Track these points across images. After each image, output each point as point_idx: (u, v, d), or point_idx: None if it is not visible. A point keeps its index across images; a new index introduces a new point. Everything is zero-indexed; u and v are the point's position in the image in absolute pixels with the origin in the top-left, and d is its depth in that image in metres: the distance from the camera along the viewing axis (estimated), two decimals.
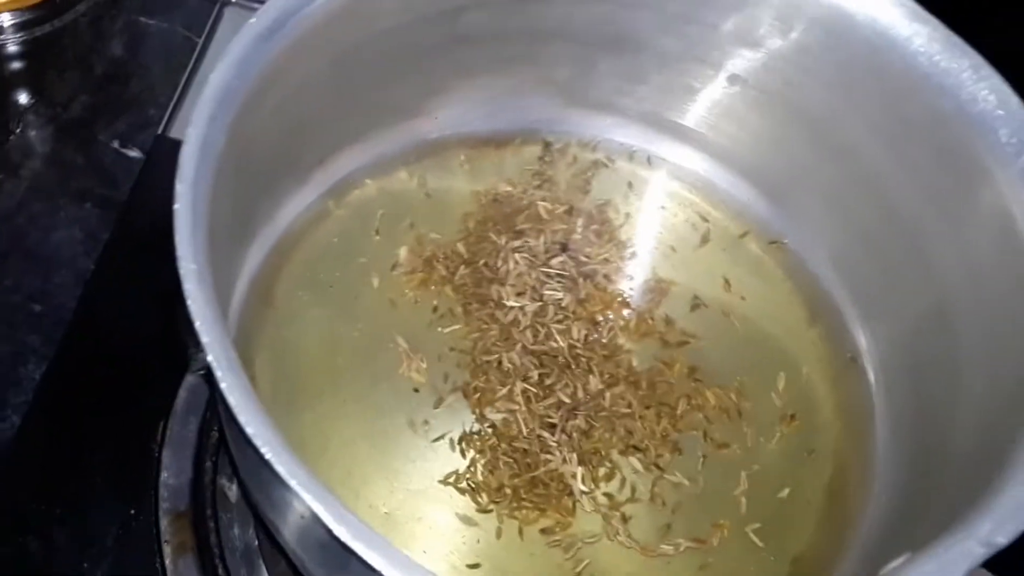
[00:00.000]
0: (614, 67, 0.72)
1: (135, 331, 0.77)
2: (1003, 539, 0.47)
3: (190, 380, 0.73)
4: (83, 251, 0.80)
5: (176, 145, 0.53)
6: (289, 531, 0.54)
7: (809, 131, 0.69)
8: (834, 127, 0.67)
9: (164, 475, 0.71)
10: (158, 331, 0.76)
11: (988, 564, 0.48)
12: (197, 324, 0.48)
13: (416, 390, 0.67)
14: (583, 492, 0.64)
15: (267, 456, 0.47)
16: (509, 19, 0.68)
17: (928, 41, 0.61)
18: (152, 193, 0.82)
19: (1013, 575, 0.52)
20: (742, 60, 0.69)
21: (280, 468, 0.47)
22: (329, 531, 0.44)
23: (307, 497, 0.45)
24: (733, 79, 0.70)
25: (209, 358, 0.49)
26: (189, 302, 0.49)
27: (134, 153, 0.85)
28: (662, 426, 0.67)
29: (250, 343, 0.67)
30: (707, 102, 0.73)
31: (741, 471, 0.67)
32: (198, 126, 0.54)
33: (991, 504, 0.48)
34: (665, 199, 0.76)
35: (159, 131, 0.86)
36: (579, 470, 0.64)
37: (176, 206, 0.51)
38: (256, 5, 0.60)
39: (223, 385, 0.48)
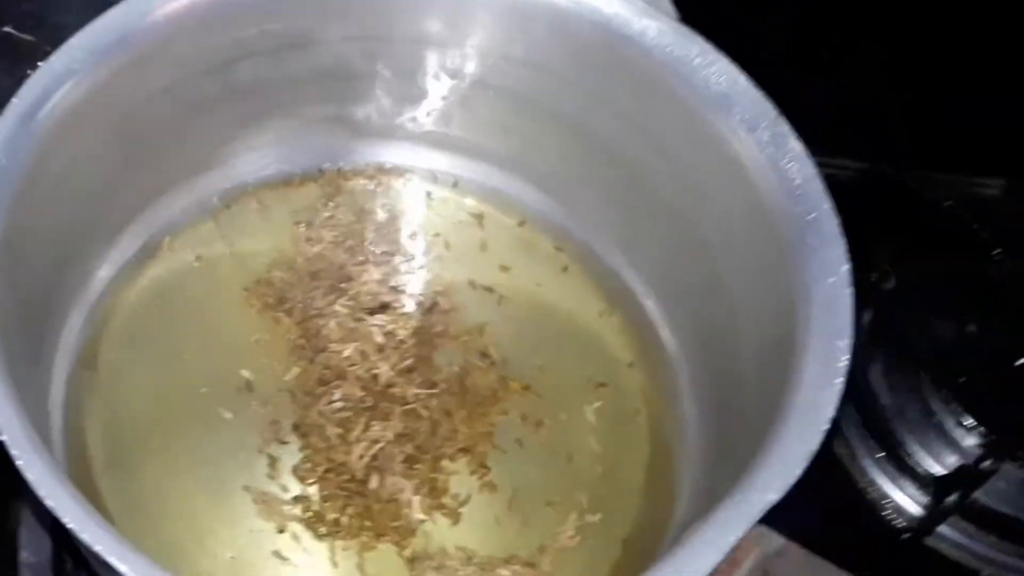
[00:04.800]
0: (379, 93, 0.72)
1: None
2: (775, 495, 0.47)
3: None
4: None
5: None
6: None
7: (569, 129, 0.69)
8: (590, 124, 0.68)
9: (23, 554, 0.68)
10: None
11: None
12: None
13: (246, 423, 0.66)
14: (420, 520, 0.63)
15: (70, 526, 0.45)
16: (279, 66, 0.67)
17: (659, 34, 0.62)
18: None
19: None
20: (485, 68, 0.69)
21: (85, 536, 0.45)
22: None
23: (113, 560, 0.44)
24: (484, 86, 0.70)
25: (3, 438, 0.47)
26: None
27: None
28: (479, 423, 0.66)
29: (79, 411, 0.64)
30: (468, 111, 0.72)
31: (562, 452, 0.66)
32: None
33: (763, 462, 0.49)
34: (455, 210, 0.76)
35: None
36: (415, 499, 0.63)
37: None
38: None
39: (19, 463, 0.46)
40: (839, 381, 0.51)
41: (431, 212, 0.75)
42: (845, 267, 0.54)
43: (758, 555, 0.48)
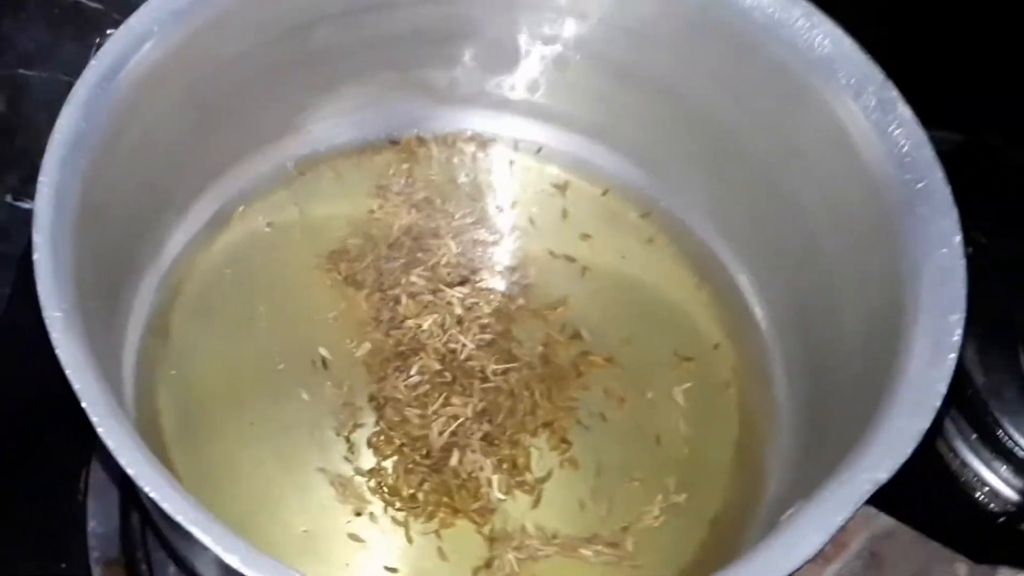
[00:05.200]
0: (466, 59, 0.70)
1: (46, 382, 0.72)
2: (884, 475, 0.44)
3: None
4: None
5: None
6: (202, 564, 0.51)
7: (660, 95, 0.66)
8: (683, 89, 0.65)
9: (91, 524, 0.67)
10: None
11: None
12: (68, 371, 0.46)
13: (321, 403, 0.63)
14: (500, 499, 0.61)
15: (151, 495, 0.44)
16: (357, 30, 0.66)
17: None
18: None
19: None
20: (582, 32, 0.66)
21: (166, 505, 0.44)
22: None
23: (194, 530, 0.43)
24: (578, 51, 0.68)
25: (83, 404, 0.45)
26: (57, 350, 0.47)
27: (27, 205, 0.80)
28: (560, 398, 0.64)
29: (151, 379, 0.63)
30: (558, 78, 0.70)
31: (647, 428, 0.64)
32: (49, 174, 0.51)
33: (871, 440, 0.46)
34: (538, 179, 0.73)
35: None
36: (495, 477, 0.61)
37: (35, 256, 0.49)
38: None
39: (99, 430, 0.45)
40: (952, 357, 0.48)
41: (513, 181, 0.73)
42: (958, 238, 0.51)
43: (866, 536, 0.45)
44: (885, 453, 0.45)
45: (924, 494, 0.68)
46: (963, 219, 0.53)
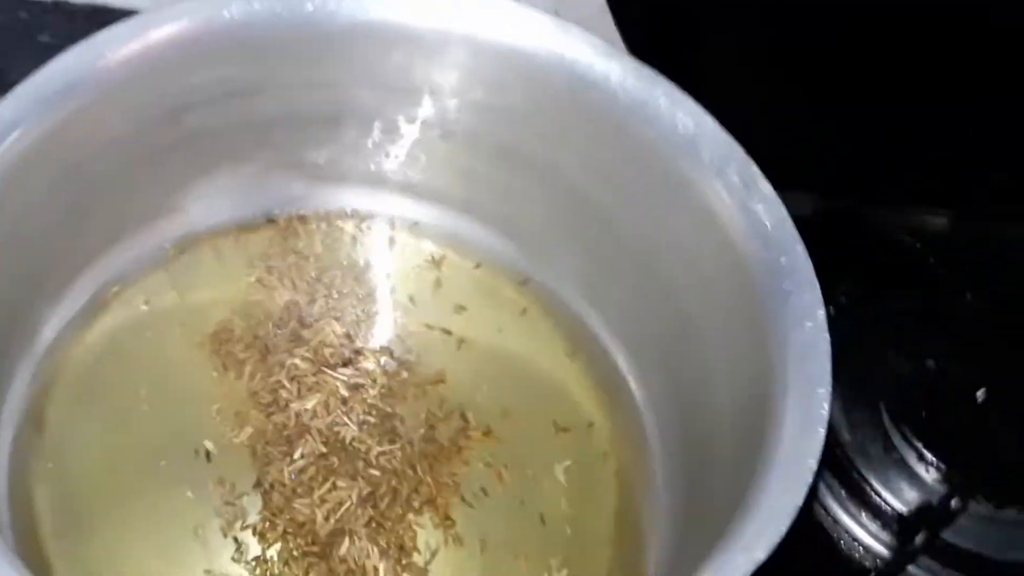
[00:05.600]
0: (340, 139, 0.69)
1: None
2: (761, 554, 0.44)
3: None
4: None
5: None
6: None
7: (531, 173, 0.66)
8: (553, 167, 0.65)
9: None
10: None
11: None
12: None
13: (205, 501, 0.62)
14: None
15: None
16: (230, 113, 0.64)
17: (622, 75, 0.59)
18: None
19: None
20: (450, 113, 0.66)
21: None
22: None
23: None
24: (448, 130, 0.67)
25: None
26: None
27: None
28: (442, 474, 0.63)
29: (26, 473, 0.60)
30: (430, 156, 0.69)
31: (528, 502, 0.64)
32: None
33: (746, 519, 0.46)
34: (415, 255, 0.73)
35: None
36: (381, 565, 0.60)
37: None
38: None
39: None
40: (821, 431, 0.49)
41: (390, 258, 0.72)
42: (821, 311, 0.52)
43: None
44: (761, 531, 0.46)
45: (798, 553, 0.69)
46: (824, 282, 0.54)
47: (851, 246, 0.80)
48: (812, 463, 0.47)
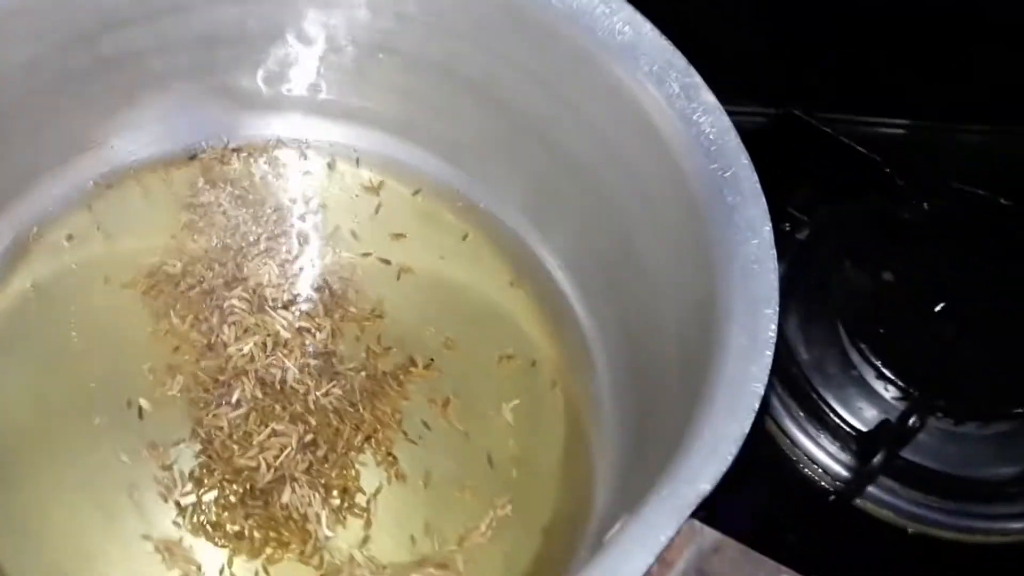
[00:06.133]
0: (268, 63, 0.65)
1: None
2: (706, 485, 0.41)
3: None
4: None
5: None
6: None
7: (468, 90, 0.62)
8: (490, 83, 0.61)
9: None
10: None
11: None
12: None
13: (136, 457, 0.58)
14: (327, 536, 0.56)
15: None
16: (151, 34, 0.60)
17: None
18: None
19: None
20: (383, 29, 0.62)
21: None
22: None
23: None
24: (381, 48, 0.63)
25: None
26: None
27: None
28: (382, 410, 0.60)
29: None
30: (363, 77, 0.65)
31: (472, 434, 0.60)
32: None
33: (691, 449, 0.43)
34: (352, 182, 0.68)
35: None
36: (323, 512, 0.56)
37: None
38: None
39: None
40: (768, 353, 0.45)
41: (326, 186, 0.68)
42: (768, 227, 0.48)
43: (692, 552, 0.42)
44: (706, 462, 0.42)
45: (757, 476, 0.66)
46: (778, 195, 0.50)
47: (805, 158, 0.76)
48: (759, 388, 0.44)
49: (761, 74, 0.77)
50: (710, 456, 0.42)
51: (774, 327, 0.45)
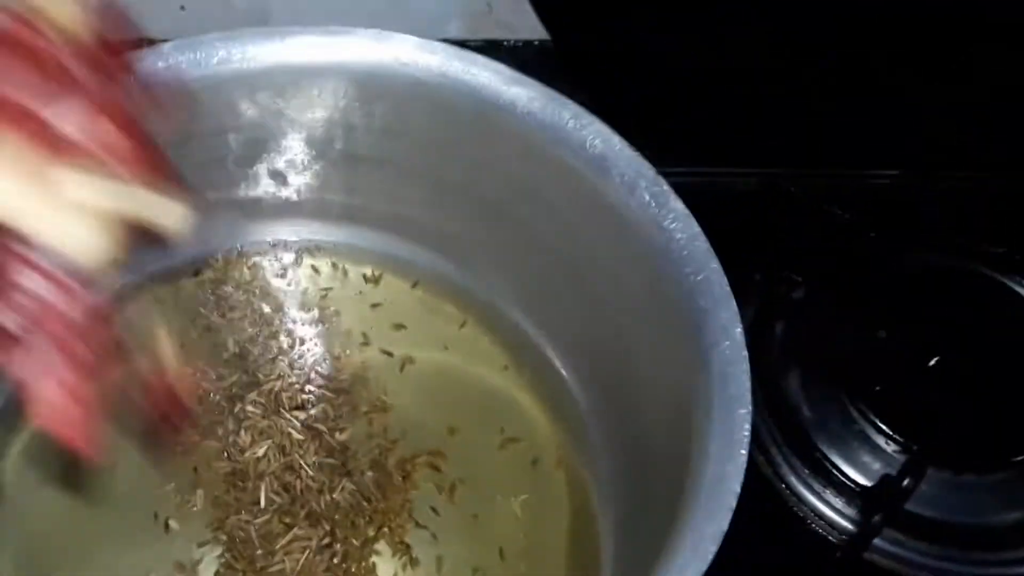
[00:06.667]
0: (265, 175, 0.68)
1: None
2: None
3: None
4: None
5: None
6: None
7: (455, 194, 0.65)
8: (475, 188, 0.64)
9: None
10: None
11: None
12: None
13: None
14: None
15: None
16: None
17: (528, 101, 0.58)
18: None
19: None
20: (369, 142, 0.65)
21: None
22: None
23: None
24: (367, 158, 0.66)
25: None
26: None
27: None
28: (393, 499, 0.63)
29: None
30: (352, 183, 0.69)
31: (481, 515, 0.63)
32: None
33: (676, 547, 0.46)
34: (354, 279, 0.72)
35: None
36: None
37: None
38: None
39: None
40: (743, 452, 0.47)
41: (328, 284, 0.71)
42: (738, 329, 0.51)
43: None
44: (688, 561, 0.45)
45: (766, 533, 0.68)
46: (776, 260, 0.53)
47: (791, 221, 0.78)
48: (735, 486, 0.47)
49: (744, 135, 0.79)
50: (691, 557, 0.45)
51: (747, 427, 0.48)
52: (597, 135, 0.56)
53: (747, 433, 0.48)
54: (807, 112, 0.81)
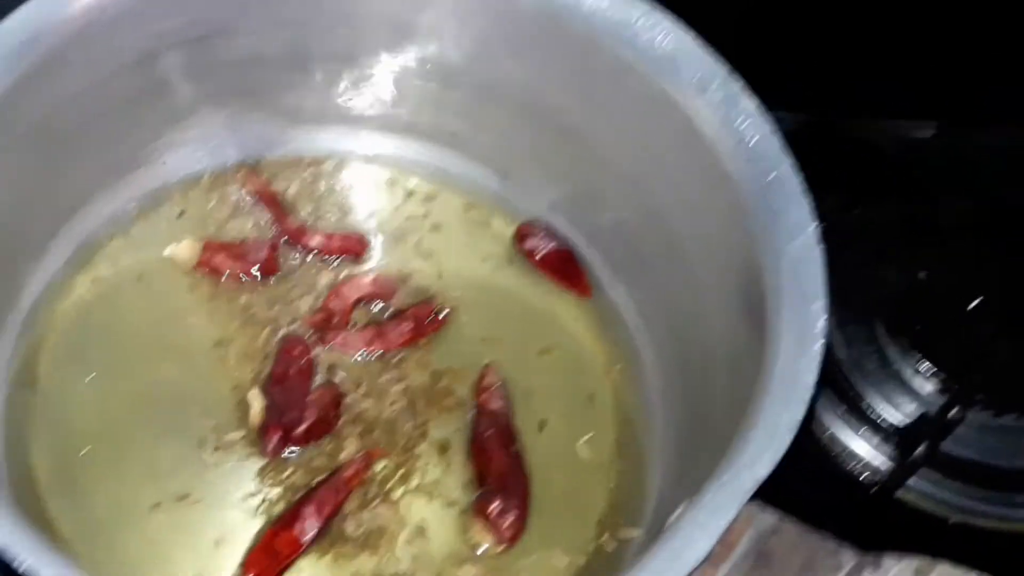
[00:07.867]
0: (316, 80, 0.66)
1: None
2: (763, 471, 0.43)
3: None
4: None
5: None
6: None
7: (513, 105, 0.64)
8: (535, 98, 0.63)
9: None
10: None
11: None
12: None
13: (204, 441, 0.60)
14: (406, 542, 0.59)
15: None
16: (202, 56, 0.62)
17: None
18: None
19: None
20: (424, 49, 0.64)
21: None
22: None
23: None
24: (422, 68, 0.65)
25: None
26: None
27: None
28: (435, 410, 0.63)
29: (22, 433, 0.59)
30: (407, 94, 0.67)
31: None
32: None
33: (747, 437, 0.45)
34: (398, 194, 0.70)
35: None
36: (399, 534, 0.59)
37: None
38: None
39: None
40: (817, 346, 0.47)
41: (378, 199, 0.70)
42: (812, 226, 0.50)
43: (752, 534, 0.44)
44: (762, 449, 0.44)
45: (799, 472, 0.67)
46: (811, 198, 0.52)
47: (836, 161, 0.78)
48: (810, 379, 0.46)
49: (788, 79, 0.79)
50: (766, 443, 0.44)
51: (823, 321, 0.47)
52: (667, 33, 0.55)
53: (822, 327, 0.47)
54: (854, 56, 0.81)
